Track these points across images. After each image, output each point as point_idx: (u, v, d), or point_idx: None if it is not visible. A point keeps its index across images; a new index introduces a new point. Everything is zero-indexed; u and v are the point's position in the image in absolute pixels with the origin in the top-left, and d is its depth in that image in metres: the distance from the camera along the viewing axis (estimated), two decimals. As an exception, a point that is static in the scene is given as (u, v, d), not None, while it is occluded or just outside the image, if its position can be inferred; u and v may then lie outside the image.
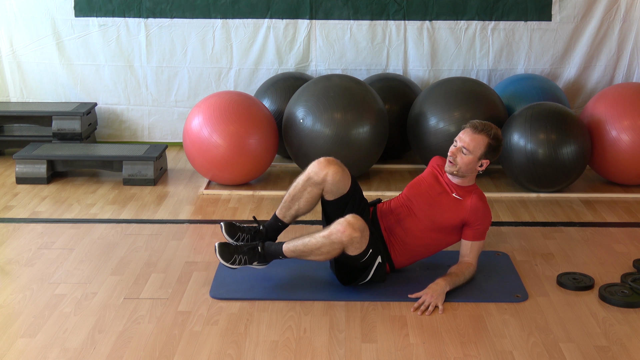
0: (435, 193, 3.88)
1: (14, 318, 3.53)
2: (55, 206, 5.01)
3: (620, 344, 3.34)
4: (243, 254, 3.72)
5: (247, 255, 3.73)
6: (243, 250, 3.73)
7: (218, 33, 6.19)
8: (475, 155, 3.78)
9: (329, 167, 3.78)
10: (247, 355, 3.25)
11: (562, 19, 6.14)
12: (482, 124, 3.81)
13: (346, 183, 3.81)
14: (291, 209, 3.89)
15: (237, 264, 3.72)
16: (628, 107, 5.19)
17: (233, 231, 3.89)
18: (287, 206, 3.90)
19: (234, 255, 3.71)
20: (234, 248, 3.74)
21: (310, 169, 3.82)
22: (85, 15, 6.17)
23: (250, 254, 3.74)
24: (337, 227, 3.56)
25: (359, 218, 3.59)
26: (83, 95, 6.33)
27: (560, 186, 5.18)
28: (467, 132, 3.81)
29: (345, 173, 3.81)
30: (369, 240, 3.62)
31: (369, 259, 3.68)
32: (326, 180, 3.77)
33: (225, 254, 3.71)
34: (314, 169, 3.81)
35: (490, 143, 3.78)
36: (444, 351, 3.28)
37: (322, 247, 3.60)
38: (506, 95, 5.79)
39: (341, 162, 3.86)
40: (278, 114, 5.67)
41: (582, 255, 4.27)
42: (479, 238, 3.84)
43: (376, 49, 6.22)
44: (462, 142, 3.79)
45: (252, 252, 3.74)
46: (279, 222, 3.93)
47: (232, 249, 3.73)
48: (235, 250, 3.73)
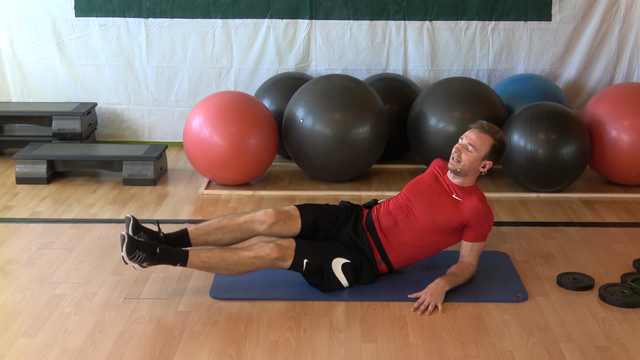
0: (435, 193, 3.88)
1: (14, 318, 3.53)
2: (55, 206, 5.01)
3: (620, 344, 3.34)
4: (143, 251, 3.57)
5: (145, 253, 3.58)
6: (144, 248, 3.58)
7: (218, 33, 6.19)
8: (479, 154, 3.79)
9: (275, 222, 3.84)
10: (247, 355, 3.25)
11: (562, 19, 6.14)
12: (489, 125, 3.84)
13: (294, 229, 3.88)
14: (210, 235, 3.86)
15: (135, 261, 3.56)
16: (628, 107, 5.19)
17: (137, 228, 3.78)
18: (207, 231, 3.87)
19: (136, 251, 3.56)
20: (138, 243, 3.58)
21: (256, 216, 3.86)
22: (86, 15, 6.18)
23: (147, 253, 3.58)
24: (264, 249, 3.66)
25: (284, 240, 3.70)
26: (83, 95, 6.33)
27: (560, 186, 5.18)
28: (474, 131, 3.83)
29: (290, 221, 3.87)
30: (295, 254, 3.67)
31: (310, 268, 3.71)
32: (270, 233, 3.87)
33: (130, 247, 3.54)
34: (259, 217, 3.86)
35: (495, 144, 3.80)
36: (444, 351, 3.28)
37: (241, 265, 3.66)
38: (506, 95, 5.79)
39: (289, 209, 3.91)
40: (278, 114, 5.67)
41: (582, 255, 4.27)
42: (479, 239, 3.84)
43: (376, 49, 6.22)
44: (468, 139, 3.81)
45: (149, 252, 3.59)
46: (187, 239, 3.85)
47: (135, 244, 3.57)
48: (138, 245, 3.57)
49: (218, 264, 3.66)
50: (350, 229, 3.88)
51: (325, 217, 3.93)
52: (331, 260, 3.75)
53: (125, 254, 3.55)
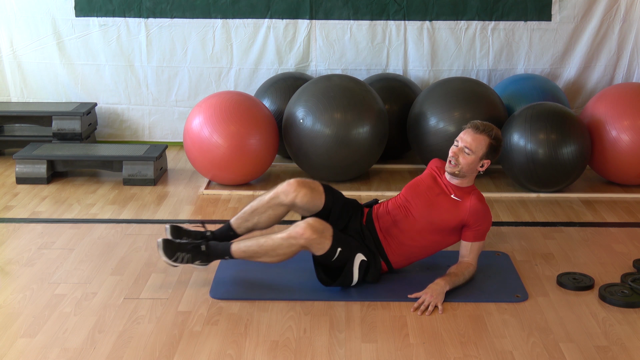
0: (434, 194, 3.87)
1: (14, 318, 3.53)
2: (55, 206, 5.01)
3: (620, 344, 3.34)
4: (186, 252, 3.69)
5: (191, 254, 3.69)
6: (186, 248, 3.70)
7: (218, 33, 6.19)
8: (477, 156, 3.79)
9: (299, 190, 3.81)
10: (247, 355, 3.25)
11: (562, 19, 6.14)
12: (483, 124, 3.82)
13: (318, 202, 3.84)
14: (249, 221, 3.89)
15: (180, 262, 3.69)
16: (628, 107, 5.19)
17: (178, 235, 3.86)
18: (245, 217, 3.90)
19: (176, 253, 3.67)
20: (177, 245, 3.70)
21: (280, 189, 3.84)
22: (86, 15, 6.18)
23: (194, 252, 3.70)
24: (296, 228, 3.60)
25: (318, 220, 3.62)
26: (83, 95, 6.33)
27: (560, 186, 5.18)
28: (468, 133, 3.81)
29: (315, 193, 3.83)
30: (332, 239, 3.62)
31: (340, 258, 3.67)
32: (295, 203, 3.82)
33: (168, 251, 3.67)
34: (284, 189, 3.83)
35: (492, 143, 3.79)
36: (444, 351, 3.28)
37: (278, 249, 3.62)
38: (506, 95, 5.79)
39: (312, 182, 3.88)
40: (278, 114, 5.67)
41: (582, 255, 4.27)
42: (479, 239, 3.84)
43: (376, 49, 6.22)
44: (464, 142, 3.79)
45: (195, 251, 3.70)
46: (231, 231, 3.91)
47: (175, 246, 3.69)
48: (178, 247, 3.69)
49: (257, 252, 3.66)
50: (358, 225, 3.86)
51: (339, 208, 3.89)
52: (356, 254, 3.73)
53: (165, 257, 3.66)
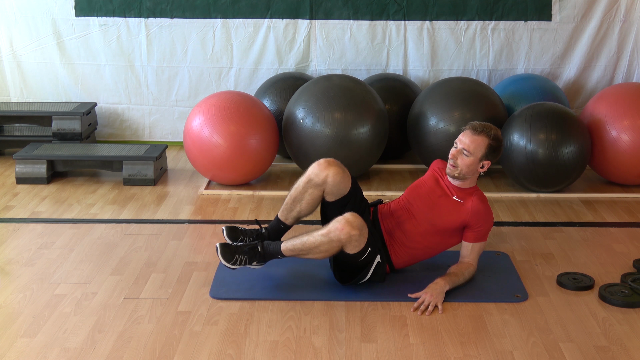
0: (436, 196, 3.87)
1: (14, 318, 3.53)
2: (55, 206, 5.01)
3: (620, 344, 3.34)
4: (244, 254, 3.73)
5: (248, 255, 3.73)
6: (244, 250, 3.73)
7: (218, 33, 6.19)
8: (476, 157, 3.78)
9: (330, 169, 3.78)
10: (247, 355, 3.25)
11: (562, 19, 6.14)
12: (481, 125, 3.81)
13: (347, 184, 3.81)
14: (293, 210, 3.90)
15: (238, 264, 3.73)
16: (628, 107, 5.19)
17: (235, 235, 3.89)
18: (288, 208, 3.90)
19: (235, 256, 3.71)
20: (235, 248, 3.74)
21: (311, 171, 3.82)
22: (86, 15, 6.18)
23: (251, 254, 3.74)
24: (336, 225, 3.57)
25: (357, 216, 3.60)
26: (84, 94, 6.33)
27: (560, 186, 5.18)
28: (466, 134, 3.80)
29: (345, 174, 3.81)
30: (367, 239, 3.62)
31: (367, 258, 3.68)
32: (327, 182, 3.78)
33: (227, 255, 3.70)
34: (314, 170, 3.81)
35: (491, 144, 3.78)
36: (444, 351, 3.28)
37: (320, 246, 3.60)
38: (506, 95, 5.79)
39: (341, 163, 3.86)
40: (278, 114, 5.67)
41: (582, 255, 4.27)
42: (480, 240, 3.84)
43: (376, 49, 6.22)
44: (463, 144, 3.79)
45: (252, 252, 3.74)
46: (281, 224, 3.94)
47: (233, 249, 3.73)
48: (236, 250, 3.73)
49: (302, 249, 3.66)
50: (370, 224, 3.82)
51: (358, 198, 3.88)
52: (377, 256, 3.73)
53: (225, 262, 3.68)
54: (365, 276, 3.74)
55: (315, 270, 3.96)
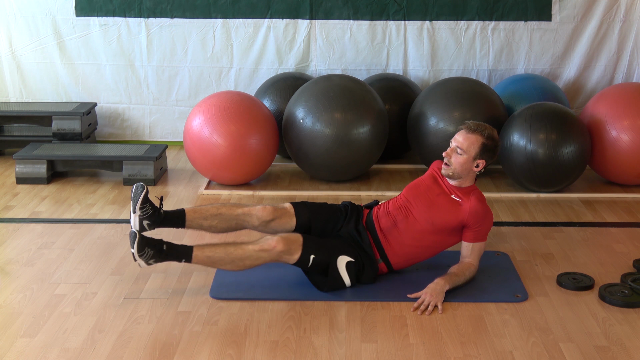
0: (434, 195, 3.87)
1: (14, 318, 3.53)
2: (55, 206, 5.01)
3: (620, 344, 3.34)
4: (151, 248, 3.60)
5: (154, 251, 3.60)
6: (151, 245, 3.60)
7: (218, 33, 6.19)
8: (469, 155, 3.78)
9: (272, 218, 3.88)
10: (247, 355, 3.25)
11: (562, 19, 6.14)
12: (475, 124, 3.81)
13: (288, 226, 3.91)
14: (206, 220, 3.87)
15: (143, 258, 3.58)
16: (628, 107, 5.19)
17: (145, 199, 3.76)
18: (204, 216, 3.87)
19: (145, 248, 3.59)
20: (147, 240, 3.61)
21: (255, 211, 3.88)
22: (86, 15, 6.18)
23: (155, 250, 3.61)
24: (270, 242, 3.65)
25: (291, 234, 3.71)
26: (84, 94, 6.33)
27: (560, 186, 5.18)
28: (461, 133, 3.82)
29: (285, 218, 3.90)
30: (302, 248, 3.66)
31: (317, 264, 3.70)
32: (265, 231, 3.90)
33: (141, 245, 3.57)
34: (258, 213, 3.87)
35: (485, 143, 3.77)
36: (444, 351, 3.28)
37: (246, 259, 3.65)
38: (506, 95, 5.79)
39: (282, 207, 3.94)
40: (278, 114, 5.67)
41: (582, 255, 4.27)
42: (479, 239, 3.84)
43: (376, 49, 6.22)
44: (456, 142, 3.80)
45: (157, 249, 3.62)
46: (182, 220, 3.86)
47: (146, 241, 3.60)
48: (148, 242, 3.60)
49: (222, 259, 3.65)
50: (352, 228, 3.88)
51: (322, 217, 3.94)
52: (337, 257, 3.74)
53: (135, 250, 3.58)
54: (341, 279, 3.75)
55: (315, 270, 3.97)
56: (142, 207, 3.74)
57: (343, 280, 3.76)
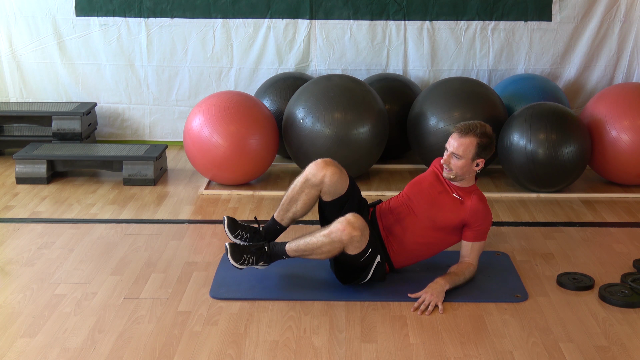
0: (436, 192, 3.88)
1: (14, 318, 3.53)
2: (55, 206, 5.01)
3: (620, 344, 3.34)
4: (251, 254, 3.73)
5: (255, 255, 3.74)
6: (251, 251, 3.74)
7: (218, 33, 6.19)
8: (467, 158, 3.77)
9: (327, 169, 3.79)
10: (247, 355, 3.25)
11: (562, 19, 6.14)
12: (467, 126, 3.78)
13: (344, 184, 3.82)
14: (289, 211, 3.91)
15: (246, 264, 3.73)
16: (628, 107, 5.19)
17: (234, 227, 3.90)
18: (284, 209, 3.91)
19: (243, 256, 3.71)
20: (243, 248, 3.74)
21: (308, 171, 3.83)
22: (86, 15, 6.18)
23: (258, 254, 3.74)
24: (337, 225, 3.57)
25: (359, 217, 3.60)
26: (84, 94, 6.34)
27: (560, 186, 5.18)
28: (454, 137, 3.78)
29: (343, 174, 3.82)
30: (368, 240, 3.62)
31: (368, 258, 3.68)
32: (324, 182, 3.79)
33: (236, 254, 3.70)
34: (311, 170, 3.82)
35: (480, 142, 3.76)
36: (444, 351, 3.28)
37: (322, 246, 3.61)
38: (506, 95, 5.79)
39: (339, 163, 3.87)
40: (278, 114, 5.67)
41: (582, 255, 4.27)
42: (479, 239, 3.84)
43: (376, 49, 6.22)
44: (452, 148, 3.78)
45: (260, 252, 3.75)
46: (277, 224, 3.94)
47: (241, 249, 3.73)
48: (244, 250, 3.73)
49: (306, 250, 3.67)
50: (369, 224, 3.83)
51: (356, 198, 3.89)
52: (377, 256, 3.73)
53: (233, 261, 3.69)
54: (367, 277, 3.75)
55: (315, 271, 3.96)
56: (236, 236, 3.84)
57: (367, 277, 3.75)
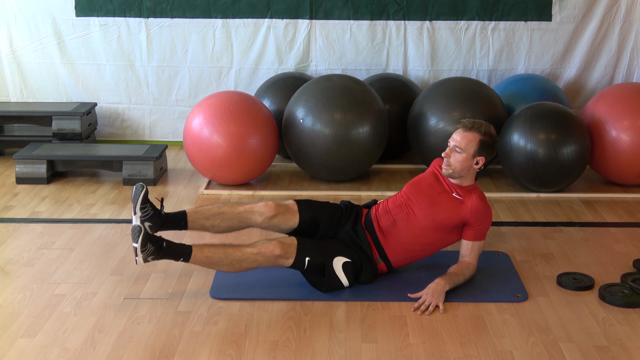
0: (435, 192, 3.88)
1: (14, 318, 3.53)
2: (55, 206, 5.01)
3: (620, 344, 3.34)
4: (152, 244, 3.59)
5: (154, 247, 3.59)
6: (153, 241, 3.60)
7: (218, 33, 6.19)
8: (468, 153, 3.79)
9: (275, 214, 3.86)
10: (247, 355, 3.25)
11: (562, 19, 6.14)
12: (471, 122, 3.83)
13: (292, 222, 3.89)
14: (208, 220, 3.87)
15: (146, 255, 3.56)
16: (628, 107, 5.19)
17: (145, 199, 3.75)
18: (206, 216, 3.87)
19: (147, 244, 3.57)
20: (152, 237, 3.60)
21: (257, 208, 3.86)
22: (86, 15, 6.18)
23: (155, 247, 3.60)
24: (269, 246, 3.66)
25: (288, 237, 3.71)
26: (84, 94, 6.34)
27: (560, 186, 5.18)
28: (458, 132, 3.83)
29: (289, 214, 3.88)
30: (296, 252, 3.67)
31: (313, 265, 3.71)
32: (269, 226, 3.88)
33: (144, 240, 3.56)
34: (259, 209, 3.86)
35: (482, 139, 3.79)
36: (444, 351, 3.28)
37: (244, 262, 3.65)
38: (506, 95, 5.79)
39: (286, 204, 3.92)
40: (278, 114, 5.67)
41: (582, 255, 4.27)
42: (479, 238, 3.85)
43: (376, 49, 6.22)
44: (454, 141, 3.81)
45: (157, 246, 3.60)
46: (184, 221, 3.86)
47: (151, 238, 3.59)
48: (149, 239, 3.59)
49: (221, 260, 3.65)
50: (350, 228, 3.88)
51: (325, 214, 3.94)
52: (332, 259, 3.75)
53: (139, 245, 3.56)
54: (339, 280, 3.76)
55: (315, 270, 3.96)
56: (143, 207, 3.73)
57: (340, 280, 3.77)
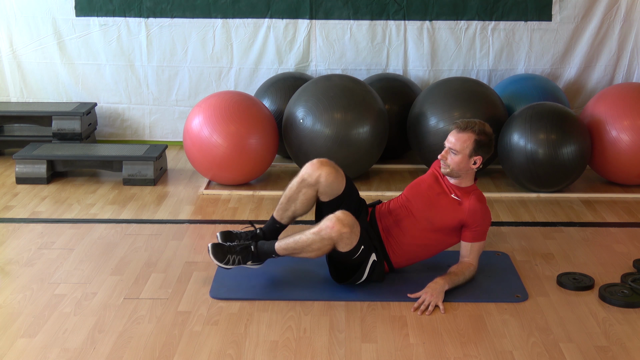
0: (434, 194, 3.88)
1: (14, 318, 3.53)
2: (55, 206, 5.01)
3: (620, 344, 3.34)
4: (236, 254, 3.73)
5: (241, 255, 3.73)
6: (236, 250, 3.73)
7: (218, 33, 6.19)
8: (464, 154, 3.78)
9: (322, 169, 3.79)
10: (247, 355, 3.25)
11: (562, 19, 6.14)
12: (465, 123, 3.81)
13: (340, 184, 3.82)
14: (288, 210, 3.91)
15: (231, 264, 3.73)
16: (628, 107, 5.19)
17: (230, 240, 3.89)
18: (283, 208, 3.91)
19: (227, 256, 3.72)
20: (227, 248, 3.74)
21: (304, 171, 3.84)
22: (86, 15, 6.18)
23: (244, 254, 3.74)
24: (327, 223, 3.58)
25: (348, 214, 3.60)
26: (84, 94, 6.34)
27: (560, 186, 5.18)
28: (452, 133, 3.82)
29: (339, 174, 3.82)
30: (359, 237, 3.62)
31: (361, 256, 3.68)
32: (320, 182, 3.80)
33: (219, 254, 3.71)
34: (307, 170, 3.83)
35: (477, 139, 3.77)
36: (444, 351, 3.28)
37: (312, 244, 3.61)
38: (506, 95, 5.79)
39: (335, 164, 3.87)
40: (278, 114, 5.67)
41: (582, 255, 4.27)
42: (478, 239, 3.84)
43: (376, 49, 6.22)
44: (449, 143, 3.81)
45: (246, 252, 3.75)
46: (277, 223, 3.94)
47: (225, 249, 3.73)
48: (228, 250, 3.73)
49: (295, 248, 3.67)
50: (366, 224, 3.84)
51: (353, 198, 3.90)
52: (371, 254, 3.73)
53: (216, 261, 3.71)
54: (362, 276, 3.74)
55: (315, 270, 3.96)
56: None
57: (363, 276, 3.75)
